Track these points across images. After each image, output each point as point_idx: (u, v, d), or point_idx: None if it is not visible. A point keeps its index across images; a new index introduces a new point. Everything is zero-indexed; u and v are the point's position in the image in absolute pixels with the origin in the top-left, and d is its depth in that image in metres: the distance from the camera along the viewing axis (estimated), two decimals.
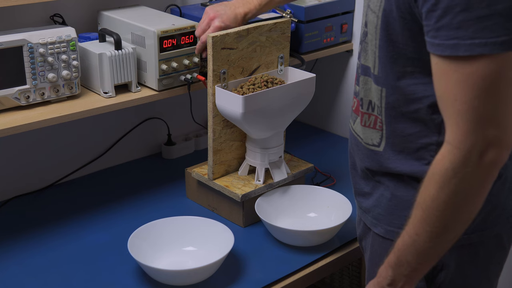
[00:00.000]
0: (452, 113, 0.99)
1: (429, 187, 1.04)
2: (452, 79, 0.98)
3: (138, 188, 1.95)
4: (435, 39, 0.99)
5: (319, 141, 2.32)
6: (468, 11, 0.94)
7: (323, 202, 1.77)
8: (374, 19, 1.13)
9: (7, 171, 1.87)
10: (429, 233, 1.06)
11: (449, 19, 0.96)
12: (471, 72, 0.96)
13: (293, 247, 1.65)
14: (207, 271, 1.48)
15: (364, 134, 1.25)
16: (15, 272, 1.55)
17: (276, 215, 1.72)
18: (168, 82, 1.71)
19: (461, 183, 1.01)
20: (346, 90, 2.30)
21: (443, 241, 1.08)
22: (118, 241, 1.65)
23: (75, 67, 1.61)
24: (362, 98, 1.24)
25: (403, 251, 1.10)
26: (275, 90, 1.65)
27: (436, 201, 1.03)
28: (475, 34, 0.94)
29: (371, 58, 1.18)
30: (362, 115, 1.24)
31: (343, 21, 2.11)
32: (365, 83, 1.22)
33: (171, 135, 2.17)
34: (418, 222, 1.07)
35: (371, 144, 1.23)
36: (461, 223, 1.06)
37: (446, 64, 0.98)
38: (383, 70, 1.15)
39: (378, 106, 1.19)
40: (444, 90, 1.00)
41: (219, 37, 1.59)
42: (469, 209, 1.04)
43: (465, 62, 0.96)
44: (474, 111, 0.97)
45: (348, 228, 1.71)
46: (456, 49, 0.96)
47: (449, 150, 1.01)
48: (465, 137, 0.98)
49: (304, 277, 1.58)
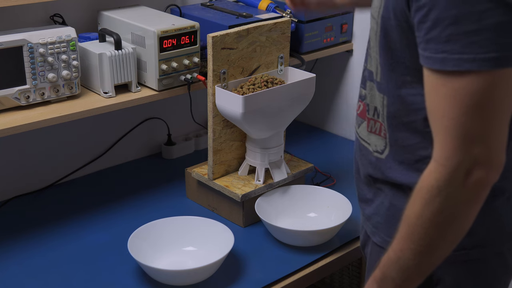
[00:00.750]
0: (439, 128, 0.97)
1: (414, 203, 1.01)
2: (440, 93, 0.95)
3: (138, 188, 1.95)
4: (425, 52, 0.96)
5: (319, 141, 2.32)
6: (457, 24, 0.91)
7: (323, 202, 1.77)
8: (374, 26, 1.12)
9: (7, 171, 1.87)
10: (413, 250, 1.03)
11: (438, 31, 0.93)
12: (459, 88, 0.93)
13: (293, 247, 1.65)
14: (207, 271, 1.48)
15: (370, 140, 1.22)
16: (15, 272, 1.55)
17: (276, 215, 1.72)
18: (168, 82, 1.71)
19: (445, 202, 0.98)
20: (346, 90, 2.30)
21: (428, 260, 1.04)
22: (118, 241, 1.65)
23: (75, 67, 1.61)
24: (368, 104, 1.21)
25: (388, 267, 1.08)
26: (275, 90, 1.65)
27: (420, 218, 1.00)
28: (463, 49, 0.91)
29: (374, 64, 1.16)
30: (369, 120, 1.21)
31: (343, 21, 2.11)
32: (370, 89, 1.19)
33: (171, 135, 2.17)
34: (403, 239, 1.04)
35: (375, 151, 1.20)
36: (447, 243, 1.03)
37: (435, 78, 0.96)
38: (384, 77, 1.13)
39: (381, 114, 1.17)
40: (433, 104, 0.98)
41: (219, 37, 1.59)
42: (454, 229, 1.01)
43: (453, 77, 0.93)
44: (461, 128, 0.94)
45: (348, 228, 1.71)
46: (444, 64, 0.93)
47: (435, 167, 0.98)
48: (450, 155, 0.95)
49: (304, 277, 1.58)
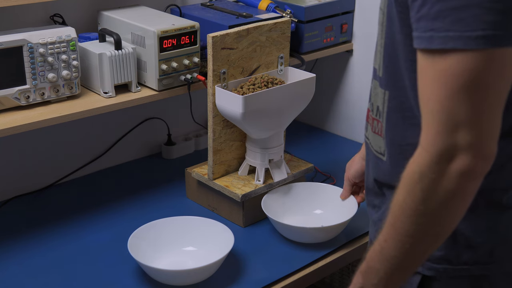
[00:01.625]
0: (425, 112, 0.91)
1: (398, 191, 0.97)
2: (427, 75, 0.90)
3: (138, 188, 1.95)
4: (416, 31, 0.91)
5: (319, 141, 2.32)
6: (444, 0, 0.86)
7: (329, 199, 1.77)
8: (381, 16, 1.09)
9: (7, 171, 1.87)
10: (396, 241, 0.98)
11: (427, 8, 0.88)
12: (444, 69, 0.87)
13: (293, 247, 1.65)
14: (207, 271, 1.48)
15: (374, 141, 1.18)
16: (15, 272, 1.55)
17: (283, 213, 1.72)
18: (168, 82, 1.71)
19: (427, 189, 0.92)
20: (346, 90, 2.30)
21: (411, 252, 0.99)
22: (118, 241, 1.65)
23: (75, 67, 1.61)
24: (372, 103, 1.17)
25: (372, 258, 1.04)
26: (275, 90, 1.65)
27: (402, 206, 0.96)
28: (450, 26, 0.86)
29: (378, 59, 1.13)
30: (373, 121, 1.18)
31: (343, 21, 2.11)
32: (375, 87, 1.16)
33: (171, 135, 2.17)
34: (386, 228, 1.00)
35: (379, 152, 1.17)
36: (430, 236, 0.97)
37: (423, 58, 0.91)
38: (387, 71, 1.09)
39: (382, 111, 1.13)
40: (421, 87, 0.92)
41: (219, 37, 1.59)
42: (437, 221, 0.95)
43: (439, 57, 0.88)
44: (445, 112, 0.88)
45: (353, 225, 1.71)
46: (430, 42, 0.88)
47: (419, 153, 0.93)
48: (434, 140, 0.90)
49: (305, 277, 1.58)
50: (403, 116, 1.08)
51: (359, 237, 1.71)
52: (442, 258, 1.08)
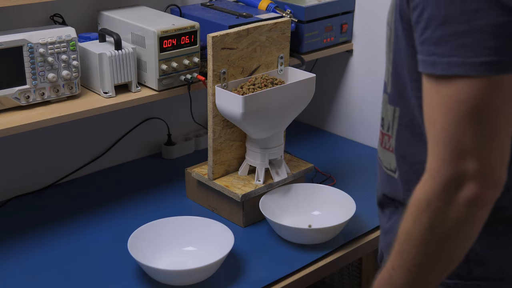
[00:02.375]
0: (431, 138, 0.90)
1: (405, 219, 0.95)
2: (432, 100, 0.88)
3: (138, 188, 1.95)
4: (420, 55, 0.90)
5: (319, 141, 2.32)
6: (446, 25, 0.85)
7: (327, 200, 1.77)
8: (388, 32, 1.07)
9: (7, 171, 1.87)
10: (404, 269, 0.96)
11: (430, 32, 0.87)
12: (449, 94, 0.85)
13: (293, 247, 1.65)
14: (207, 271, 1.48)
15: (384, 156, 1.16)
16: (15, 272, 1.55)
17: (281, 214, 1.72)
18: (168, 82, 1.71)
19: (434, 218, 0.90)
20: (346, 90, 2.30)
21: (419, 281, 0.97)
22: (118, 241, 1.65)
23: (75, 67, 1.61)
24: (383, 118, 1.15)
25: (381, 285, 1.02)
26: (275, 90, 1.65)
27: (409, 234, 0.93)
28: (453, 51, 0.84)
29: (387, 74, 1.11)
30: (383, 136, 1.15)
31: (343, 21, 2.11)
32: (385, 102, 1.14)
33: (171, 135, 2.17)
34: (394, 256, 0.98)
35: (389, 169, 1.14)
36: (439, 265, 0.94)
37: (428, 82, 0.89)
38: (395, 87, 1.07)
39: (392, 128, 1.11)
40: (426, 110, 0.91)
41: (219, 37, 1.59)
42: (447, 251, 0.92)
43: (443, 82, 0.86)
44: (451, 138, 0.86)
45: (351, 226, 1.71)
46: (434, 67, 0.87)
47: (425, 180, 0.91)
48: (440, 167, 0.88)
49: (305, 277, 1.58)
50: (413, 132, 1.06)
51: (359, 237, 1.71)
52: (453, 273, 1.05)
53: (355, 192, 1.82)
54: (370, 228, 1.74)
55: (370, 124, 2.24)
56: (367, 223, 1.76)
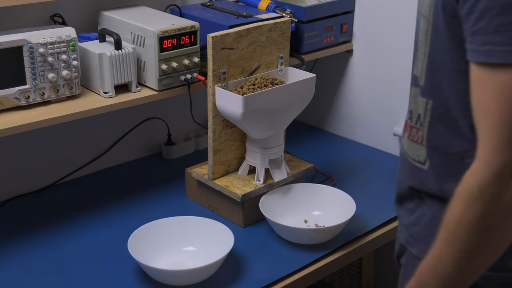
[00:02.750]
0: (484, 126, 0.92)
1: (455, 206, 0.96)
2: (486, 88, 0.91)
3: (138, 188, 1.95)
4: (471, 45, 0.93)
5: (319, 141, 2.32)
6: (505, 14, 0.87)
7: (326, 200, 1.77)
8: (424, 25, 1.08)
9: (7, 171, 1.87)
10: (452, 257, 0.97)
11: (485, 22, 0.89)
12: (506, 82, 0.88)
13: (293, 247, 1.65)
14: (207, 271, 1.48)
15: (411, 149, 1.17)
16: (15, 272, 1.55)
17: (281, 213, 1.73)
18: (168, 82, 1.71)
19: (488, 204, 0.91)
20: (346, 90, 2.30)
21: (468, 269, 0.98)
22: (118, 241, 1.65)
23: (75, 67, 1.61)
24: (411, 111, 1.17)
25: (425, 274, 1.03)
26: (275, 90, 1.65)
27: (460, 222, 0.95)
28: (510, 40, 0.87)
29: (420, 68, 1.12)
30: (411, 129, 1.17)
31: (343, 21, 2.11)
32: (415, 95, 1.15)
33: (171, 135, 2.17)
34: (442, 244, 0.99)
35: (417, 161, 1.15)
36: (489, 251, 0.96)
37: (480, 71, 0.92)
38: (430, 80, 1.09)
39: (424, 120, 1.12)
40: (478, 100, 0.93)
41: (219, 37, 1.59)
42: (498, 236, 0.94)
43: (499, 71, 0.89)
44: (506, 126, 0.89)
45: (351, 226, 1.72)
46: (490, 56, 0.89)
47: (477, 167, 0.92)
48: (496, 154, 0.90)
49: (305, 277, 1.58)
50: (448, 125, 1.08)
51: (359, 237, 1.71)
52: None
53: (355, 192, 1.83)
54: (370, 228, 1.74)
55: (370, 124, 2.24)
56: (367, 223, 1.76)
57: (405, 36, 2.05)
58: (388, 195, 1.93)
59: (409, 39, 2.04)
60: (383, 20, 2.10)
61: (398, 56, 2.08)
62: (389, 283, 2.32)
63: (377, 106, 2.21)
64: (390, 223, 1.78)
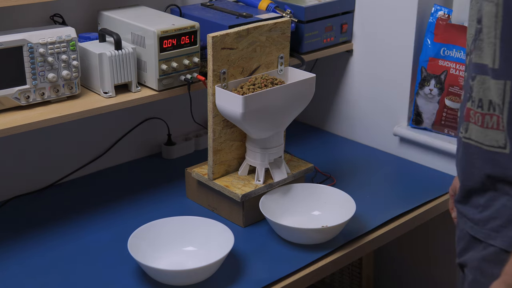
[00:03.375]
0: None
1: None
2: None
3: (138, 188, 1.95)
4: None
5: (319, 141, 2.32)
6: None
7: (327, 200, 1.77)
8: (492, 9, 1.08)
9: (7, 171, 1.87)
10: None
11: None
12: None
13: (293, 247, 1.65)
14: (207, 271, 1.48)
15: (487, 136, 1.15)
16: (15, 272, 1.55)
17: (281, 213, 1.73)
18: (168, 82, 1.72)
19: None
20: (346, 90, 2.30)
21: None
22: (118, 241, 1.65)
23: (75, 67, 1.61)
24: (480, 99, 1.15)
25: None
26: (275, 90, 1.65)
27: None
28: None
29: (489, 52, 1.11)
30: (483, 116, 1.15)
31: (343, 21, 2.12)
32: (482, 83, 1.14)
33: (171, 135, 2.17)
34: None
35: (496, 146, 1.13)
36: None
37: None
38: (507, 60, 1.08)
39: (499, 104, 1.11)
40: None
41: (219, 37, 1.59)
42: None
43: None
44: None
45: (351, 226, 1.71)
46: None
47: None
48: None
49: (305, 277, 1.58)
50: None
51: (359, 237, 1.71)
52: None
53: (355, 192, 1.83)
54: (370, 228, 1.74)
55: (370, 124, 2.24)
56: (367, 223, 1.76)
57: (405, 36, 2.05)
58: (388, 195, 1.94)
59: (409, 39, 2.06)
60: (383, 20, 2.10)
61: (398, 56, 2.09)
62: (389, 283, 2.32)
63: (377, 106, 2.21)
64: (390, 223, 1.78)
